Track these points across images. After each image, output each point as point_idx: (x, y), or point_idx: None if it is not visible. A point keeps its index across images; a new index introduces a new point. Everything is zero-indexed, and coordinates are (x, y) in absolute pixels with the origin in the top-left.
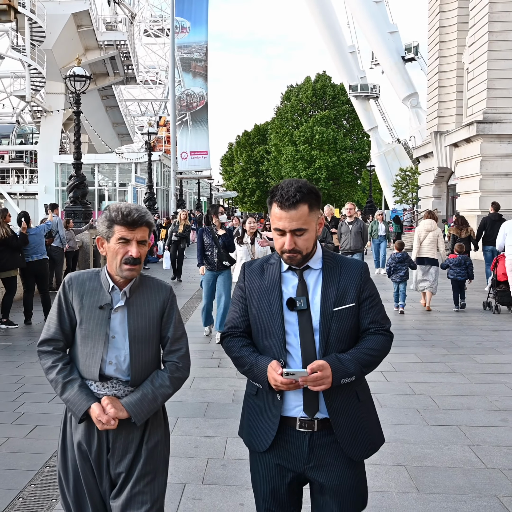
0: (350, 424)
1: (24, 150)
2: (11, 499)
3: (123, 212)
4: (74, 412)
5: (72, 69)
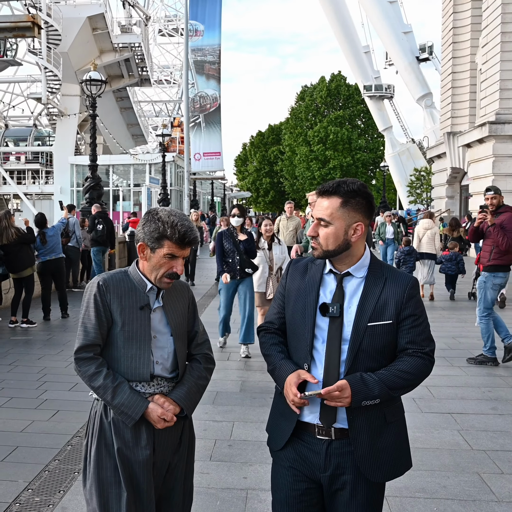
0: (372, 444)
1: (40, 152)
2: (38, 471)
3: (180, 231)
4: (129, 415)
5: (88, 74)
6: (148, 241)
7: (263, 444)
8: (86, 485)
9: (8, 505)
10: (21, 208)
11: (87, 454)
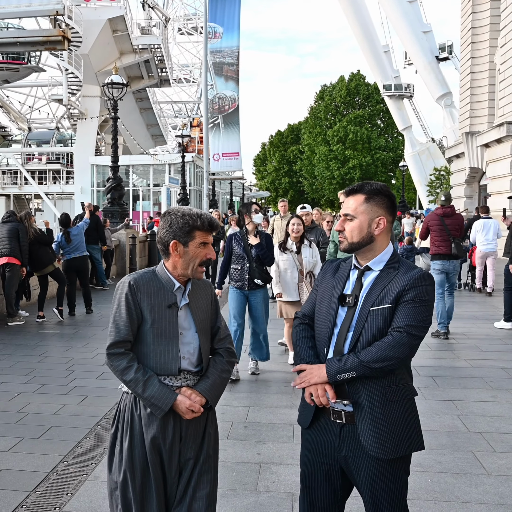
0: (374, 420)
1: (61, 152)
2: (71, 447)
3: (207, 219)
4: (159, 407)
5: (110, 77)
6: (180, 237)
7: (276, 426)
8: (113, 473)
9: (47, 474)
10: (42, 207)
11: (115, 444)
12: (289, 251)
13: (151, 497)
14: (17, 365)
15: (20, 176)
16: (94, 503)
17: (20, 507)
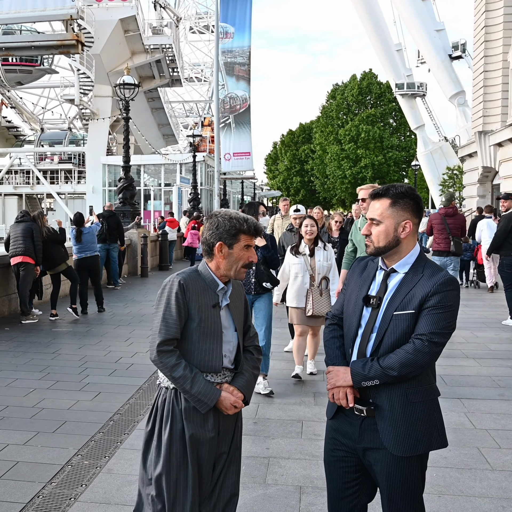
0: (394, 420)
1: (73, 152)
2: (85, 441)
3: (253, 224)
4: (205, 402)
5: (122, 78)
6: (226, 239)
7: (285, 422)
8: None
9: (62, 466)
10: (54, 207)
11: (151, 439)
12: (301, 254)
13: (186, 492)
14: (31, 362)
15: (32, 176)
16: (108, 494)
17: (37, 497)
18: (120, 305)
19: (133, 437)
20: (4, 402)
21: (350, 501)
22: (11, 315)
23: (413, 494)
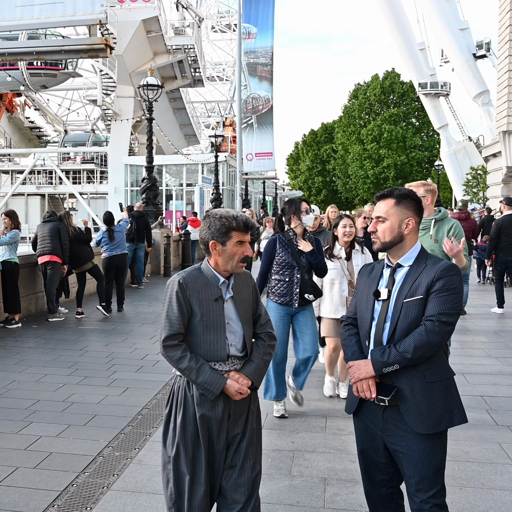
0: (415, 400)
1: (95, 152)
2: (115, 434)
3: (242, 220)
4: (211, 390)
5: (145, 79)
6: (218, 237)
7: (309, 417)
8: (168, 448)
9: (94, 457)
10: (76, 207)
11: (169, 421)
12: (336, 258)
13: (200, 470)
14: (60, 358)
15: (54, 176)
16: (139, 484)
17: (71, 486)
18: (144, 304)
19: (162, 430)
20: (35, 396)
21: (384, 485)
22: (38, 313)
23: (438, 469)
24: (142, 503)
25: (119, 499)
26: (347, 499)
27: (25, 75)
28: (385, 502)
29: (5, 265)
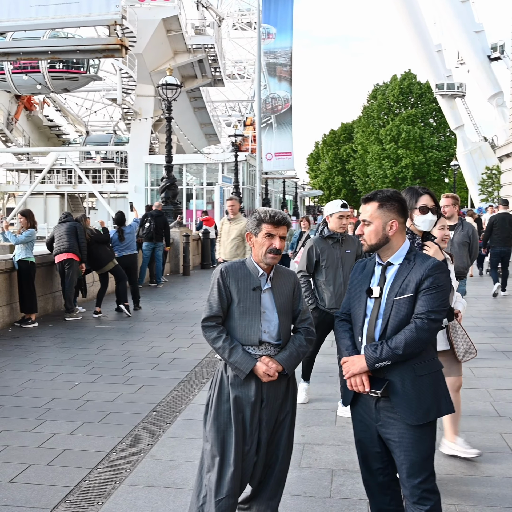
0: (406, 393)
1: (115, 151)
2: (129, 430)
3: (271, 214)
4: (241, 370)
5: (164, 78)
6: (251, 229)
7: (320, 411)
8: (206, 427)
9: (107, 454)
10: (96, 206)
11: (209, 402)
12: None
13: (230, 450)
14: (76, 357)
15: (74, 175)
16: (151, 478)
17: (83, 481)
18: (162, 303)
19: (175, 426)
20: (50, 395)
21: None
22: (55, 312)
23: (427, 456)
24: (154, 496)
25: (131, 493)
26: (352, 489)
27: (47, 78)
28: (382, 489)
29: (21, 264)
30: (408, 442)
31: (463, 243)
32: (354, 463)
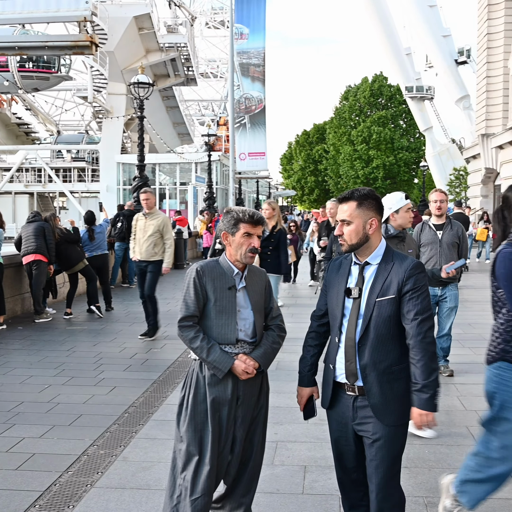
0: (384, 394)
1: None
2: (101, 432)
3: (249, 214)
4: (220, 369)
5: (136, 77)
6: (228, 228)
7: (293, 409)
8: (181, 427)
9: (78, 457)
10: (66, 206)
11: (183, 403)
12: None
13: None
14: (46, 359)
15: (44, 174)
16: (123, 480)
17: (54, 485)
18: (135, 303)
19: (148, 427)
20: (19, 398)
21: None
22: (24, 314)
23: (398, 455)
24: (126, 498)
25: (103, 496)
26: (324, 485)
27: (16, 77)
28: (356, 486)
29: None
30: (381, 439)
31: (452, 243)
32: (326, 460)
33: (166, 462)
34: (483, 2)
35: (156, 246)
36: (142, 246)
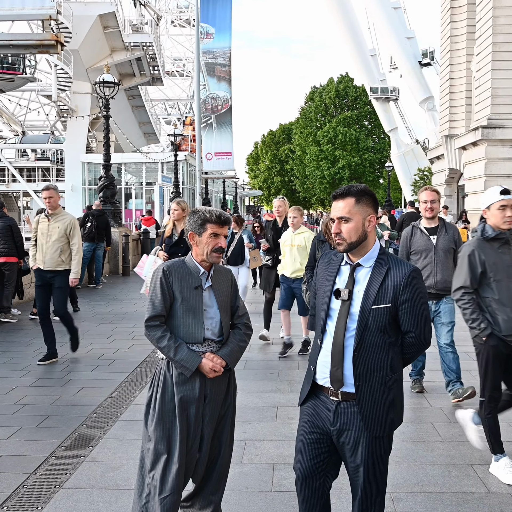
0: (374, 405)
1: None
2: (68, 433)
3: (216, 214)
4: (187, 367)
5: (101, 76)
6: (194, 229)
7: (261, 408)
8: (149, 426)
9: (46, 458)
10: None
11: (150, 402)
12: None
13: (175, 448)
14: (11, 361)
15: (7, 173)
16: (92, 480)
17: (21, 487)
18: (102, 304)
19: (117, 428)
20: None
21: (318, 479)
22: None
23: (384, 467)
24: (95, 499)
25: (71, 496)
26: (293, 482)
27: None
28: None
29: None
30: (369, 451)
31: (448, 249)
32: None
33: (135, 462)
34: (446, 5)
35: (63, 253)
36: (45, 253)
